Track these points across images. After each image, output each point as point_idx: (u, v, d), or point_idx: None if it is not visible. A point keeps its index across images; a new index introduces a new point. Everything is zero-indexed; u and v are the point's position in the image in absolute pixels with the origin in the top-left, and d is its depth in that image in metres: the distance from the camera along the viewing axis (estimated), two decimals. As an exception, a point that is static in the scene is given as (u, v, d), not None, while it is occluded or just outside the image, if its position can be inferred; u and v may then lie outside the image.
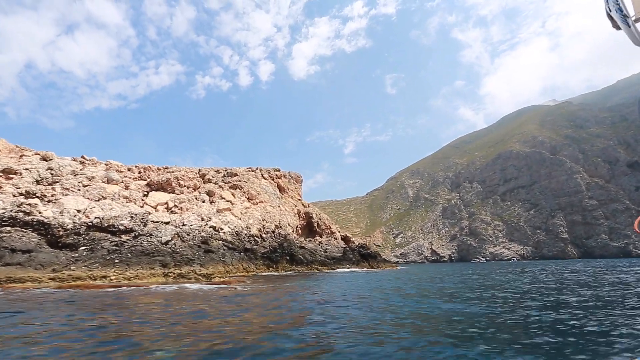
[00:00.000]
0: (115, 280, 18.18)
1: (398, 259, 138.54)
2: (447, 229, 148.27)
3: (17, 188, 32.58)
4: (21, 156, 38.10)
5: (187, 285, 17.03)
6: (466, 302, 11.73)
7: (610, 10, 2.52)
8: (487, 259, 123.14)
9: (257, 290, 15.64)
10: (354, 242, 64.15)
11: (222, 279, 19.77)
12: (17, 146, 39.76)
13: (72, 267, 21.37)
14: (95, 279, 17.89)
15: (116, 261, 22.54)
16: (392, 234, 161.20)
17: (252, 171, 53.16)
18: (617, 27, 2.60)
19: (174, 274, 20.42)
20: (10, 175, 33.52)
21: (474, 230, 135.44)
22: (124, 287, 15.57)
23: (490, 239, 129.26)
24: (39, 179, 35.52)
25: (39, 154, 39.35)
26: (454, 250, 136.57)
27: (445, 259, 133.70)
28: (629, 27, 2.43)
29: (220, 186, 45.72)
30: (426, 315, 9.28)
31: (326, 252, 51.88)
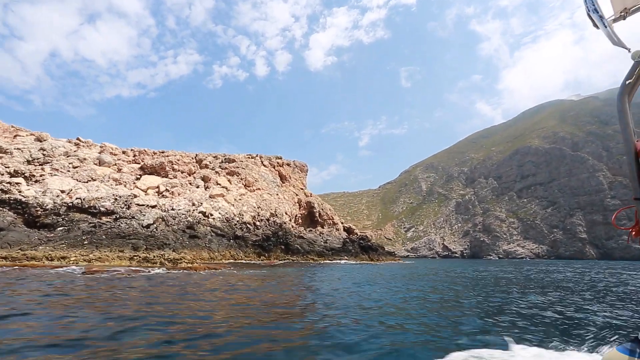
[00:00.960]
0: (74, 262, 17.22)
1: (409, 253, 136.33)
2: (460, 225, 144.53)
3: (6, 167, 32.24)
4: (15, 136, 37.88)
5: (144, 269, 15.88)
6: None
7: (588, 11, 2.52)
8: (500, 256, 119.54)
9: (207, 278, 14.29)
10: (356, 234, 62.49)
11: (188, 265, 18.59)
12: (12, 126, 39.59)
13: (40, 247, 20.56)
14: (52, 260, 16.96)
15: (86, 242, 21.66)
16: (404, 227, 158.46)
17: (252, 158, 51.93)
18: (597, 27, 2.57)
19: (140, 257, 19.35)
20: (0, 155, 33.22)
21: (487, 227, 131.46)
22: (67, 268, 14.50)
23: (504, 236, 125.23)
24: (31, 159, 35.17)
25: (33, 135, 39.09)
26: (466, 247, 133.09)
27: (457, 255, 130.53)
28: (606, 27, 2.46)
29: (216, 172, 44.68)
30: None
31: (326, 242, 50.46)
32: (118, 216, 27.45)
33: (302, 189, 62.10)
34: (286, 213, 46.15)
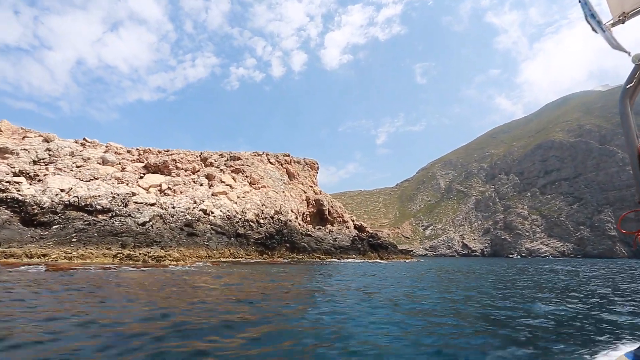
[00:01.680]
0: (54, 259, 16.87)
1: (427, 252, 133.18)
2: (480, 222, 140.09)
3: (12, 167, 32.73)
4: (23, 137, 38.56)
5: (114, 267, 15.29)
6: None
7: (586, 17, 2.53)
8: (523, 254, 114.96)
9: (176, 276, 13.48)
10: (367, 232, 61.01)
11: (171, 262, 17.96)
12: (21, 128, 40.35)
13: (28, 245, 20.40)
14: (31, 257, 16.66)
15: (74, 240, 21.42)
16: (422, 225, 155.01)
17: (258, 155, 51.37)
18: (596, 31, 2.58)
19: (123, 255, 18.87)
20: (6, 155, 33.78)
21: (509, 224, 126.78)
22: (34, 267, 14.05)
23: (527, 233, 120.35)
24: (37, 159, 35.68)
25: (41, 136, 39.72)
26: (486, 245, 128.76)
27: (477, 254, 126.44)
28: (604, 32, 2.46)
29: (221, 170, 44.31)
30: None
31: (335, 241, 49.32)
32: (114, 214, 27.26)
33: (311, 186, 61.10)
34: (292, 211, 45.27)
